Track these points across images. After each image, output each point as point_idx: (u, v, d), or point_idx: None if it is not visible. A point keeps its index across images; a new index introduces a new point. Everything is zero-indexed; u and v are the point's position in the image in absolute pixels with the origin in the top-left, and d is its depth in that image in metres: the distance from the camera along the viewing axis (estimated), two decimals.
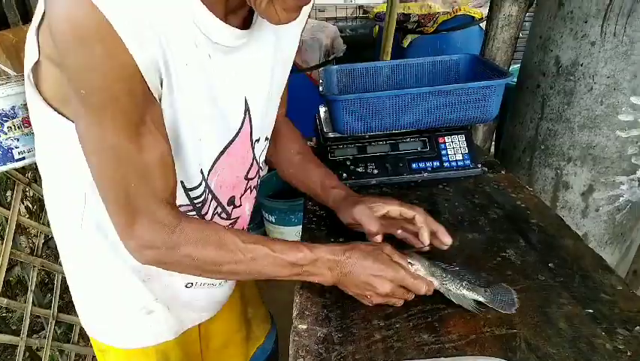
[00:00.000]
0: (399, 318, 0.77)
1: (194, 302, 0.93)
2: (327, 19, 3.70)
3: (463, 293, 0.78)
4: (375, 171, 1.22)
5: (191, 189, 0.76)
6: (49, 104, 0.66)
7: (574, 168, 1.29)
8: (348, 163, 1.23)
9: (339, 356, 0.70)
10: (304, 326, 0.76)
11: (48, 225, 1.51)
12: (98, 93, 0.57)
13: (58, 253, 0.88)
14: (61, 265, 1.35)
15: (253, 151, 0.83)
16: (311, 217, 1.10)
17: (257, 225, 2.65)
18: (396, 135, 1.25)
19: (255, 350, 1.14)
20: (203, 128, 0.71)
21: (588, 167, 1.27)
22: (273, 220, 2.54)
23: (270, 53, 0.78)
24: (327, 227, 1.05)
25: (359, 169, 1.22)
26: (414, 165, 1.22)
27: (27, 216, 1.87)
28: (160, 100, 0.64)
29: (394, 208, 0.87)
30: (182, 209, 0.76)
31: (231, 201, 0.85)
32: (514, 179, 1.21)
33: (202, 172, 0.76)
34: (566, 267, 0.88)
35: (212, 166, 0.77)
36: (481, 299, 0.77)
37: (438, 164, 1.23)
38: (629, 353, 0.69)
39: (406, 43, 2.82)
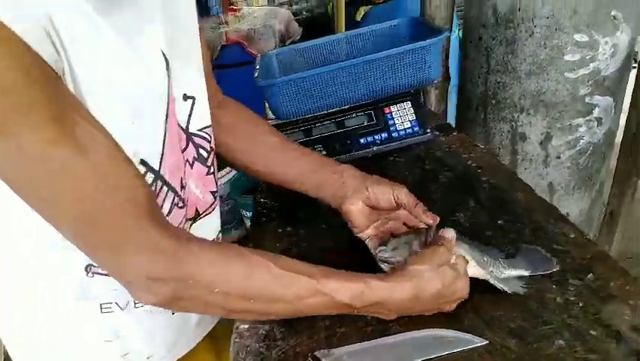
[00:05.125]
0: None
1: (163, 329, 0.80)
2: (282, 4, 3.63)
3: (509, 274, 0.70)
4: (324, 153, 1.18)
5: None
6: None
7: (528, 118, 1.25)
8: None
9: (280, 352, 0.67)
10: (245, 326, 0.73)
11: None
12: None
13: None
14: None
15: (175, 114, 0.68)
16: (261, 210, 1.06)
17: (236, 224, 2.61)
18: (341, 113, 1.21)
19: None
20: (126, 104, 0.56)
21: (542, 114, 1.23)
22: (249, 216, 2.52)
23: None
24: (278, 218, 1.01)
25: None
26: (362, 141, 1.18)
27: None
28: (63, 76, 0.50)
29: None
30: None
31: (181, 184, 0.71)
32: (466, 139, 1.17)
33: (145, 162, 0.61)
34: (517, 222, 0.85)
35: (163, 151, 0.63)
36: (524, 273, 0.70)
37: (386, 135, 1.18)
38: (580, 305, 0.66)
39: (359, 16, 2.75)
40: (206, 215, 0.80)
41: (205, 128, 0.75)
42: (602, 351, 0.59)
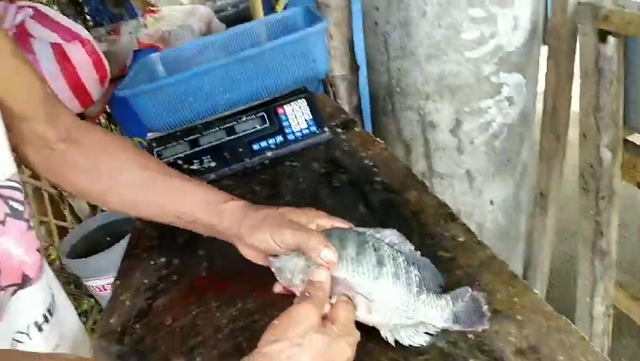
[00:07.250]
0: (202, 348, 0.63)
1: None
2: (206, 1, 3.45)
3: (423, 317, 0.55)
4: (213, 164, 1.06)
5: None
6: None
7: (434, 105, 1.16)
8: (181, 162, 1.06)
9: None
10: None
11: None
12: None
13: None
14: None
15: None
16: (136, 240, 0.94)
17: None
18: (230, 117, 1.09)
19: None
20: None
21: (448, 100, 1.15)
22: None
23: None
24: (153, 247, 0.89)
25: (194, 167, 1.06)
26: (255, 147, 1.07)
27: None
28: None
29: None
30: None
31: None
32: (367, 135, 1.08)
33: None
34: (406, 226, 0.75)
35: None
36: (443, 325, 0.55)
37: (281, 138, 1.07)
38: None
39: (280, 7, 2.60)
40: (38, 280, 0.66)
41: (12, 176, 0.60)
42: None
